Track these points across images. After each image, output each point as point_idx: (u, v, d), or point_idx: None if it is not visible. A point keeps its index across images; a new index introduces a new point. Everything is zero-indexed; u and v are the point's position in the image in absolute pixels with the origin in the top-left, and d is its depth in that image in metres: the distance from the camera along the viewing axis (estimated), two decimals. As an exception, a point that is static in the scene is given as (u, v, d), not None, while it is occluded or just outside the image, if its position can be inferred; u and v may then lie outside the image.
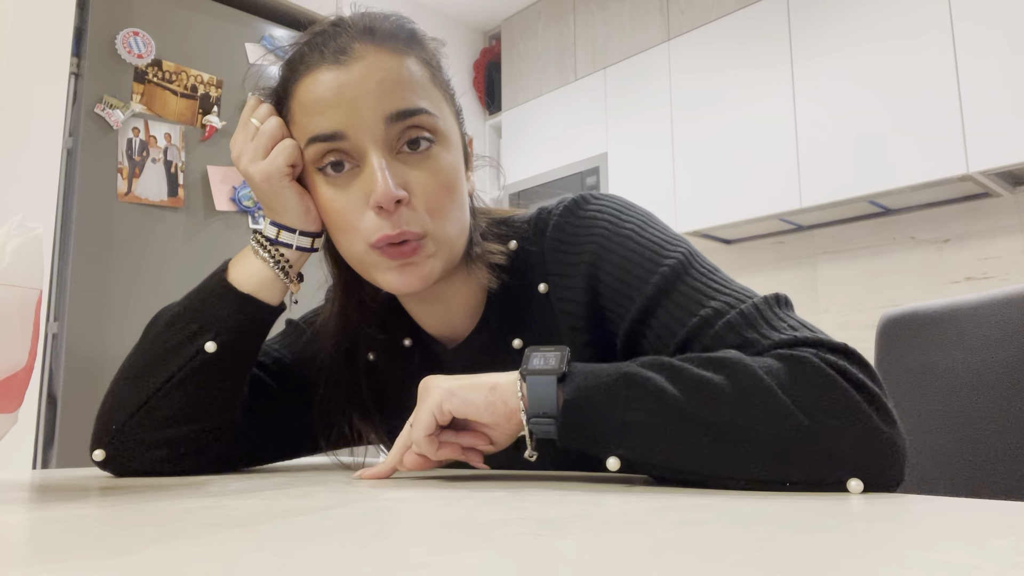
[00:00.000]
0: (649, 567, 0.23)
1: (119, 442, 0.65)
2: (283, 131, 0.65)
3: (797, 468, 0.47)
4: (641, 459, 0.50)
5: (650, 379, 0.50)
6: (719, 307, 0.57)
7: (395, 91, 0.61)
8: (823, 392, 0.48)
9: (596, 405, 0.51)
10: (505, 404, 0.54)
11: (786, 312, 0.57)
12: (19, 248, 0.51)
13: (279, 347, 0.78)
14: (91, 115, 2.06)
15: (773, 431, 0.47)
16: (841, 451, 0.46)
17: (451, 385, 0.55)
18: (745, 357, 0.51)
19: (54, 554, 0.27)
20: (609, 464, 0.50)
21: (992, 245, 2.50)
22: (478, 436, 0.57)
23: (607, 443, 0.50)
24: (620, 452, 0.50)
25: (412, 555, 0.26)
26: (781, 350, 0.52)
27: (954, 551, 0.26)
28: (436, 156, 0.63)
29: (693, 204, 2.93)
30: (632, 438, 0.50)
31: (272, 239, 0.67)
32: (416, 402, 0.59)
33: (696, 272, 0.60)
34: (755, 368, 0.49)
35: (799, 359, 0.50)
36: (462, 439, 0.57)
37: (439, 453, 0.57)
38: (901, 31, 2.40)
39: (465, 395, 0.55)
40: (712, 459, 0.48)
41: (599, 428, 0.51)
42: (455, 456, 0.58)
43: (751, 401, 0.48)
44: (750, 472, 0.48)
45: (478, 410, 0.54)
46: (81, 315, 1.97)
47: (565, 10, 3.60)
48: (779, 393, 0.48)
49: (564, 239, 0.67)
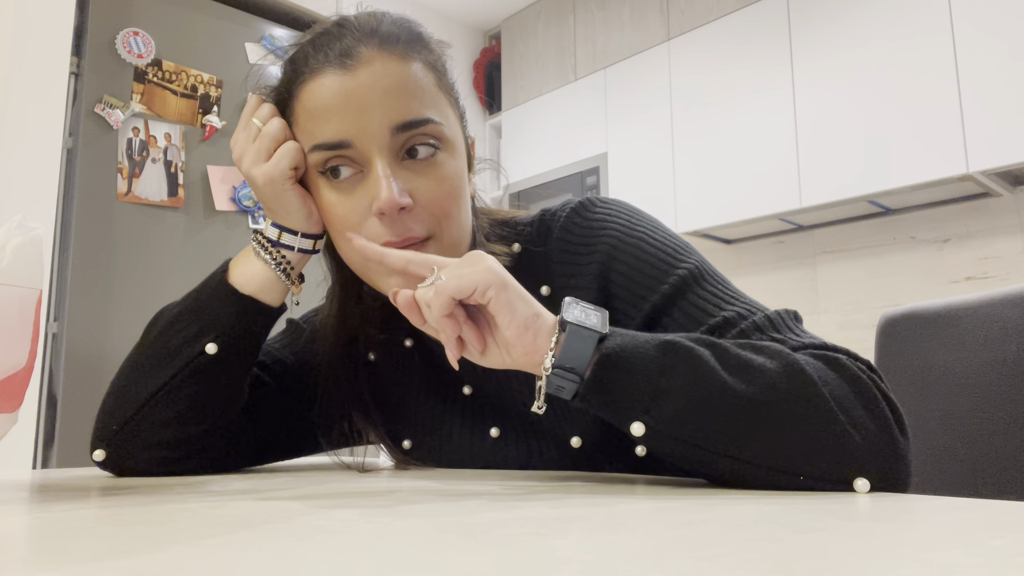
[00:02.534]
0: (649, 567, 0.23)
1: (119, 442, 0.65)
2: (286, 133, 0.64)
3: (821, 463, 0.47)
4: (666, 428, 0.48)
5: (692, 350, 0.49)
6: (740, 311, 0.57)
7: (402, 100, 0.60)
8: (860, 395, 0.49)
9: (632, 366, 0.49)
10: (535, 337, 0.51)
11: (801, 328, 0.58)
12: (19, 248, 0.51)
13: (279, 347, 0.78)
14: (91, 115, 2.06)
15: (812, 423, 0.47)
16: (865, 455, 0.47)
17: (508, 280, 0.52)
18: (786, 349, 0.51)
19: (54, 554, 0.27)
20: (633, 429, 0.49)
21: (992, 245, 2.50)
22: (479, 335, 0.53)
23: (633, 407, 0.49)
24: (645, 419, 0.49)
25: (412, 555, 0.26)
26: (815, 351, 0.52)
27: (954, 551, 0.26)
28: (441, 163, 0.62)
29: (693, 204, 2.93)
30: (662, 405, 0.48)
31: (274, 241, 0.67)
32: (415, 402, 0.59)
33: (713, 280, 0.61)
34: (798, 358, 0.49)
35: (837, 361, 0.50)
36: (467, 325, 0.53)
37: (442, 321, 0.52)
38: (901, 31, 2.40)
39: (513, 301, 0.51)
40: (741, 439, 0.48)
41: (629, 391, 0.49)
42: (449, 330, 0.52)
43: (794, 389, 0.48)
44: (774, 460, 0.47)
45: (513, 322, 0.51)
46: (81, 315, 1.97)
47: (565, 10, 3.60)
48: (821, 387, 0.48)
49: (573, 240, 0.67)
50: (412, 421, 0.75)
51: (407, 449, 0.75)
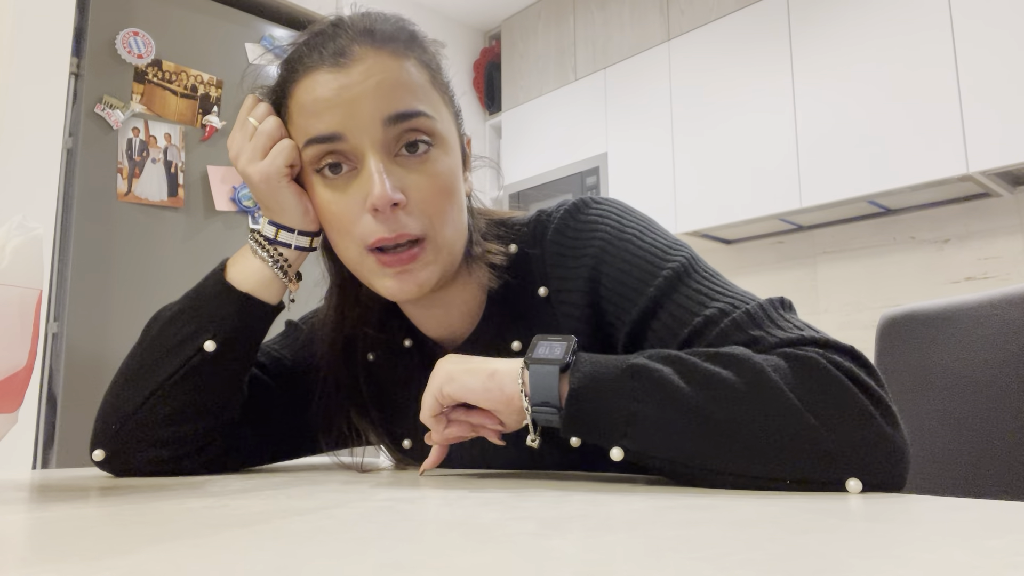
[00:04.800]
0: (649, 567, 0.23)
1: (119, 442, 0.65)
2: (281, 131, 0.65)
3: (801, 467, 0.47)
4: (645, 451, 0.50)
5: (657, 371, 0.50)
6: (723, 307, 0.57)
7: (394, 93, 0.61)
8: (829, 393, 0.48)
9: (602, 395, 0.51)
10: (502, 391, 0.55)
11: (790, 314, 0.57)
12: (19, 248, 0.51)
13: (278, 348, 0.78)
14: (91, 115, 2.06)
15: (780, 429, 0.47)
16: (845, 452, 0.46)
17: (452, 369, 0.57)
18: (752, 354, 0.51)
19: (54, 554, 0.27)
20: (613, 454, 0.51)
21: (992, 245, 2.50)
22: (487, 416, 0.58)
23: (611, 433, 0.51)
24: (624, 443, 0.50)
25: (412, 555, 0.26)
26: (787, 349, 0.52)
27: (954, 551, 0.26)
28: (434, 159, 0.63)
29: (693, 204, 2.93)
30: (636, 429, 0.50)
31: (271, 238, 0.67)
32: (415, 402, 0.60)
33: (698, 276, 0.61)
34: (763, 365, 0.49)
35: (805, 359, 0.50)
36: (471, 418, 0.59)
37: (447, 432, 0.59)
38: (901, 31, 2.40)
39: (464, 380, 0.56)
40: (717, 454, 0.48)
41: (604, 418, 0.51)
42: (465, 433, 0.59)
43: (759, 398, 0.48)
44: (754, 469, 0.47)
45: (475, 395, 0.56)
46: (81, 315, 1.97)
47: (565, 10, 3.60)
48: (787, 391, 0.48)
49: (565, 242, 0.67)
50: (412, 421, 0.75)
51: (407, 449, 0.75)
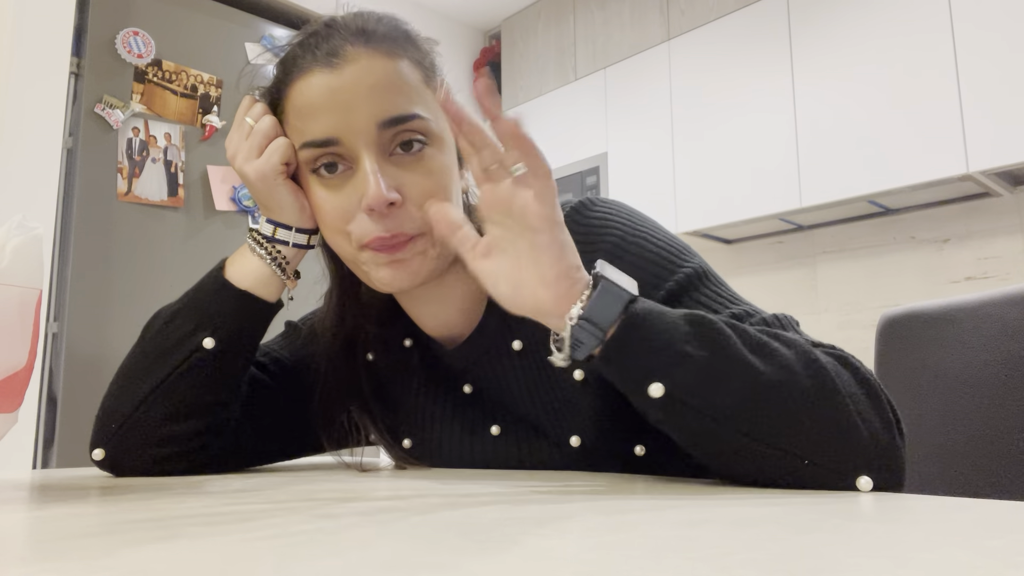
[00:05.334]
0: (649, 567, 0.23)
1: (119, 441, 0.65)
2: (277, 130, 0.66)
3: (829, 452, 0.48)
4: (683, 396, 0.49)
5: (716, 323, 0.50)
6: (747, 310, 0.59)
7: (388, 96, 0.61)
8: (869, 395, 0.50)
9: (657, 330, 0.50)
10: (571, 285, 0.51)
11: (800, 330, 0.59)
12: (19, 248, 0.51)
13: (279, 348, 0.78)
14: (91, 115, 2.06)
15: (824, 410, 0.48)
16: (869, 452, 0.48)
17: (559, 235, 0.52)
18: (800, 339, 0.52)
19: (54, 554, 0.27)
20: (651, 390, 0.49)
21: (992, 245, 2.50)
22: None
23: (653, 370, 0.49)
24: (666, 382, 0.49)
25: (412, 555, 0.26)
26: (825, 349, 0.53)
27: (954, 551, 0.26)
28: (429, 158, 0.63)
29: (693, 204, 2.93)
30: (682, 371, 0.49)
31: (268, 236, 0.67)
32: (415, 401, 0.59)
33: (715, 282, 0.62)
34: (814, 349, 0.51)
35: (848, 359, 0.52)
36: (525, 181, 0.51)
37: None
38: (901, 31, 2.40)
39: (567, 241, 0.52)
40: (753, 417, 0.48)
41: (653, 353, 0.49)
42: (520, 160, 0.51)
43: (809, 376, 0.49)
44: (782, 440, 0.48)
45: (560, 259, 0.51)
46: (81, 315, 1.97)
47: (565, 10, 3.60)
48: (835, 379, 0.49)
49: (573, 239, 0.67)
50: (412, 420, 0.75)
51: (407, 448, 0.75)
